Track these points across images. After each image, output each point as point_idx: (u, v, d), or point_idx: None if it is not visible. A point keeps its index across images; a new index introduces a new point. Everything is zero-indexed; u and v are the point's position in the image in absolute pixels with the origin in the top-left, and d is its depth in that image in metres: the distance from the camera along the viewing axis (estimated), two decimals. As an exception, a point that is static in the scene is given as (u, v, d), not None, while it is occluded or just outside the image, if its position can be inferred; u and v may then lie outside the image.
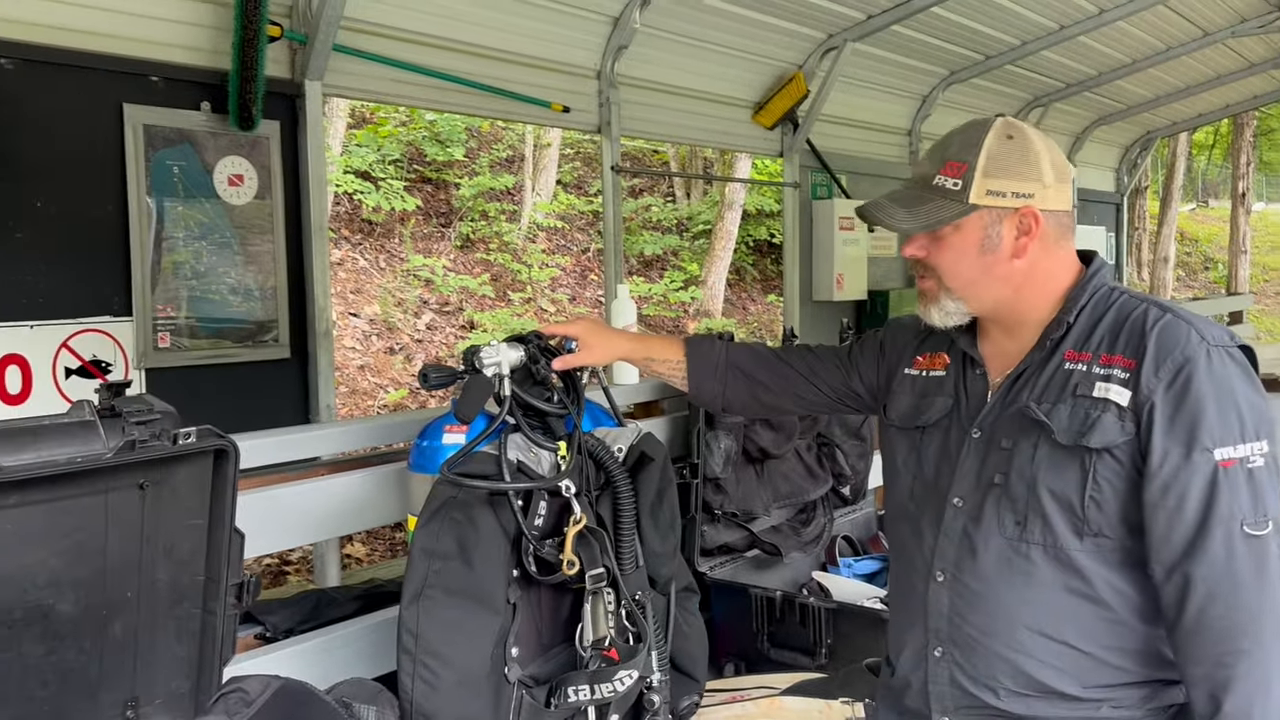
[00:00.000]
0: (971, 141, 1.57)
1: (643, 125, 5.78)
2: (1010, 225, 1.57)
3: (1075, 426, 1.52)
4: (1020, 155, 1.56)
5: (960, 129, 1.62)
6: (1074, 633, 1.54)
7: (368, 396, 9.15)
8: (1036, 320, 1.62)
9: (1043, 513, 1.54)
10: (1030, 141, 1.57)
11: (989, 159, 1.55)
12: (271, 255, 4.08)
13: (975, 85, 7.70)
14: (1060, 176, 1.58)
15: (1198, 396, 1.46)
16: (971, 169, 1.55)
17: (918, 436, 1.73)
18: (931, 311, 1.66)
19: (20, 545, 1.46)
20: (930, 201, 1.58)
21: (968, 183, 1.55)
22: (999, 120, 1.60)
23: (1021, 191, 1.55)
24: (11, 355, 3.46)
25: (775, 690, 2.34)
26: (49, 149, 3.51)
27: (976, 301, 1.63)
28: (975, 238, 1.58)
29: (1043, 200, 1.56)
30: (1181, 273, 20.62)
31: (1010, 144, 1.56)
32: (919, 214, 1.58)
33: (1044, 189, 1.56)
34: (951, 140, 1.61)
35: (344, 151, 11.05)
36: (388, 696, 1.57)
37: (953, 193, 1.57)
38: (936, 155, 1.61)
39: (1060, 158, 1.60)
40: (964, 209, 1.56)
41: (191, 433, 1.53)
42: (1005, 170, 1.55)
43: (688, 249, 13.70)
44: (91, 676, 1.59)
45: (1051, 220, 1.58)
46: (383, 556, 6.36)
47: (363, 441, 2.33)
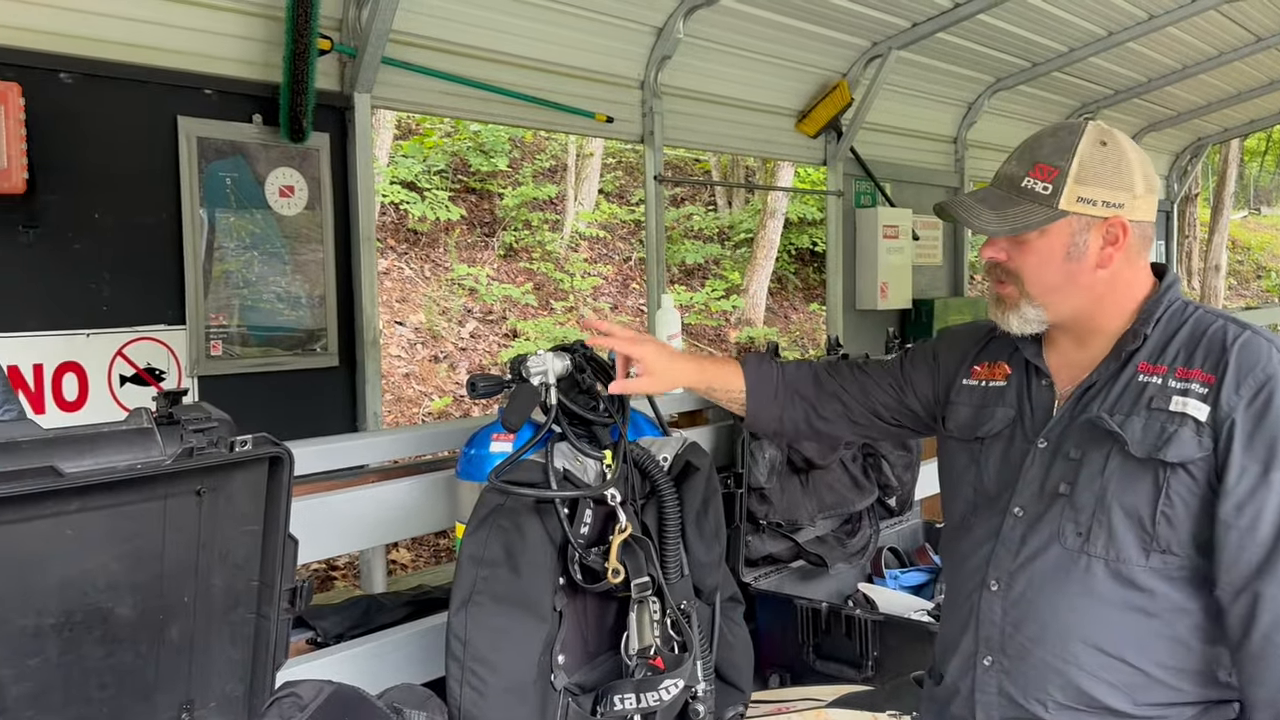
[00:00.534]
0: (1064, 145, 1.54)
1: (686, 135, 5.80)
2: (1097, 234, 1.54)
3: (1150, 439, 1.50)
4: (1114, 163, 1.53)
5: (1051, 130, 1.59)
6: (1131, 649, 1.52)
7: (413, 404, 9.23)
8: (1111, 331, 1.60)
9: (1109, 525, 1.52)
10: (1124, 150, 1.55)
11: (1082, 165, 1.53)
12: (320, 265, 4.15)
13: (1022, 92, 7.63)
14: (1149, 188, 1.56)
15: (1278, 415, 1.44)
16: (1064, 174, 1.52)
17: (977, 448, 1.71)
18: (1010, 318, 1.62)
19: (81, 550, 1.49)
20: (1018, 204, 1.55)
21: (1058, 188, 1.53)
22: (1092, 125, 1.56)
23: (1112, 201, 1.53)
24: (69, 363, 3.54)
25: (821, 702, 2.33)
26: (106, 161, 3.60)
27: (1056, 309, 1.60)
28: (1061, 244, 1.55)
29: (1131, 211, 1.54)
30: (1233, 281, 20.22)
31: (1104, 151, 1.54)
32: (1006, 217, 1.56)
33: (1134, 199, 1.54)
34: (1042, 142, 1.58)
35: (390, 162, 11.18)
36: (437, 702, 1.58)
37: (1042, 197, 1.54)
38: (1025, 156, 1.58)
39: (1150, 168, 1.58)
40: (1053, 214, 1.53)
41: (248, 440, 1.56)
42: (1098, 178, 1.53)
43: (729, 257, 13.68)
44: (148, 679, 1.62)
45: (1137, 231, 1.56)
46: (427, 563, 6.41)
47: (412, 449, 2.35)
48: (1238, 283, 20.68)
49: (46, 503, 1.41)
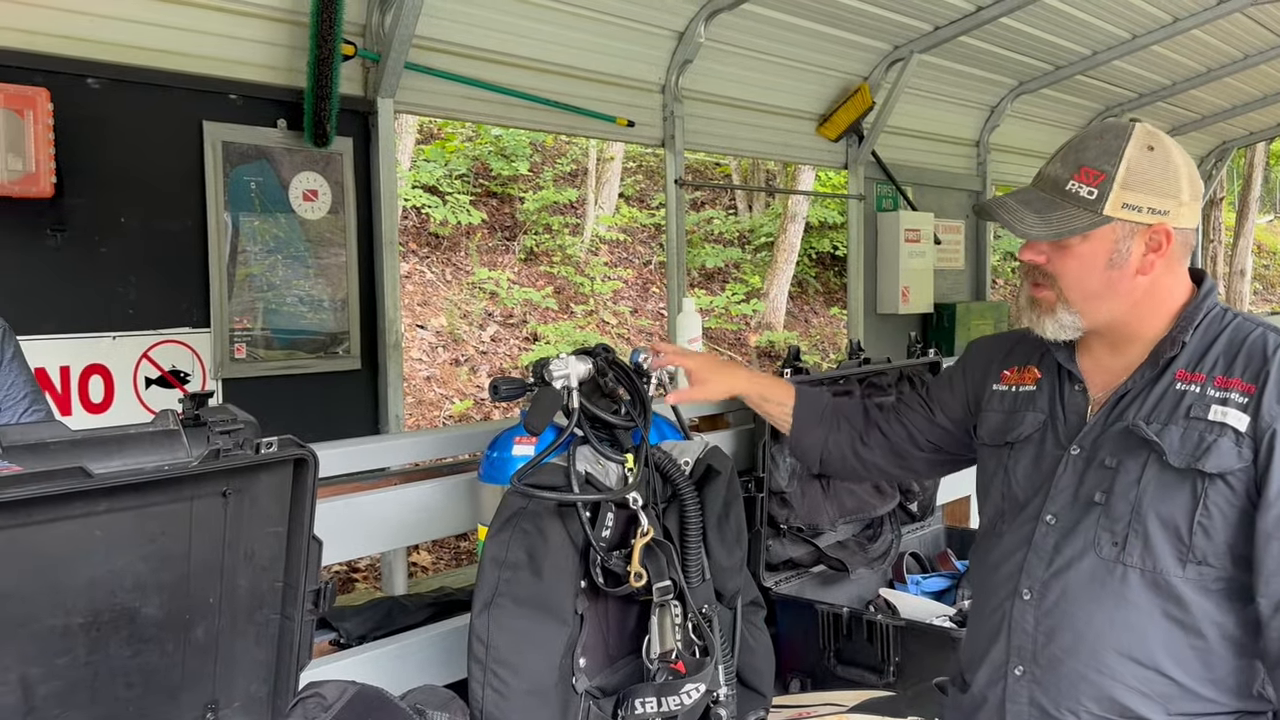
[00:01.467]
0: (1111, 149, 1.51)
1: (706, 139, 5.80)
2: (1141, 241, 1.51)
3: (1189, 449, 1.48)
4: (1161, 169, 1.50)
5: (1096, 132, 1.56)
6: (1166, 659, 1.50)
7: (434, 407, 9.27)
8: (1148, 337, 1.57)
9: (1145, 536, 1.51)
10: (1171, 155, 1.52)
11: (1129, 171, 1.49)
12: (343, 268, 4.18)
13: (1045, 96, 7.59)
14: (1195, 194, 1.53)
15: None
16: (1110, 179, 1.49)
17: (1006, 453, 1.70)
18: (1045, 323, 1.59)
19: (109, 550, 1.50)
20: (1062, 208, 1.52)
21: (1104, 193, 1.49)
22: (1139, 128, 1.53)
23: (1159, 208, 1.50)
24: (95, 365, 3.58)
25: (842, 708, 2.32)
26: (133, 165, 3.64)
27: (1093, 316, 1.57)
28: (1104, 251, 1.52)
29: (1177, 218, 1.51)
30: (1259, 286, 20.03)
31: (1151, 156, 1.50)
32: (1050, 220, 1.52)
33: (1179, 206, 1.51)
34: (1088, 144, 1.54)
35: (412, 167, 11.24)
36: (460, 704, 1.59)
37: (1087, 201, 1.51)
38: (1070, 159, 1.54)
39: (1196, 173, 1.55)
40: (1097, 220, 1.50)
41: (273, 442, 1.57)
42: (1145, 184, 1.50)
43: (750, 261, 13.67)
44: (174, 679, 1.63)
45: (1180, 238, 1.53)
46: (448, 565, 6.43)
47: (434, 452, 2.36)
48: (1263, 287, 20.48)
49: (75, 503, 1.43)
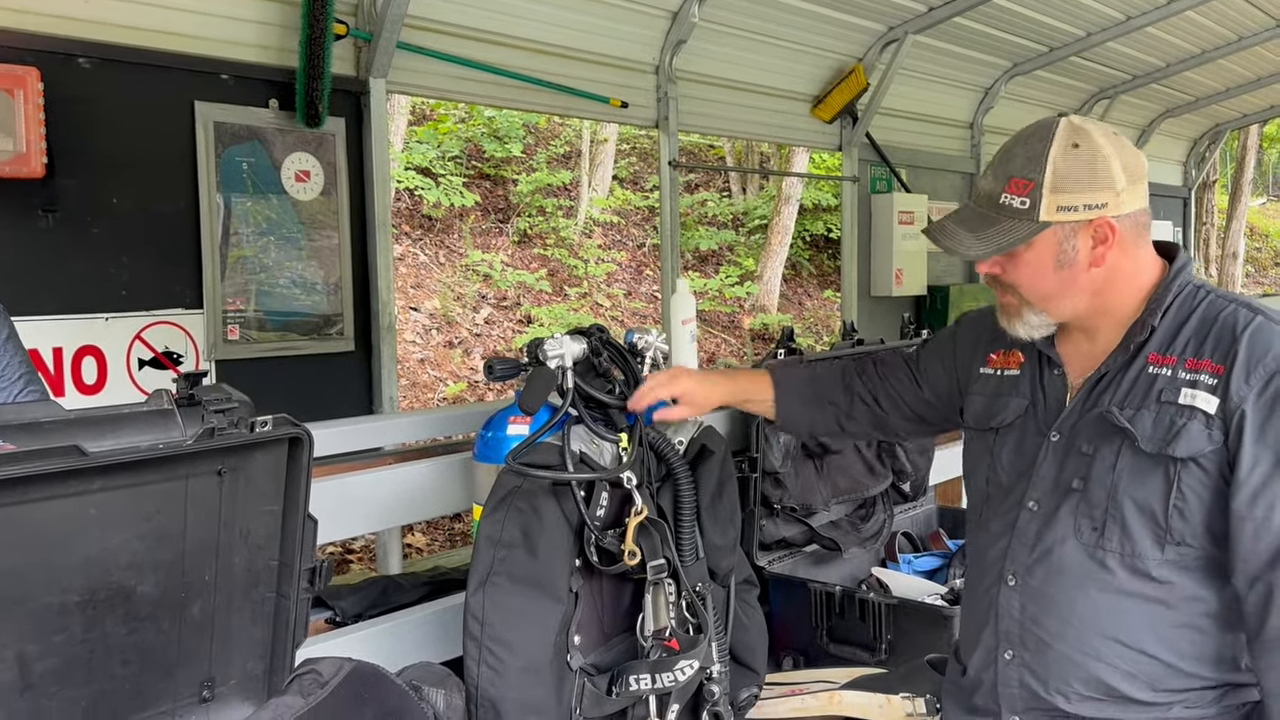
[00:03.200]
0: (1035, 155, 1.51)
1: (700, 120, 5.79)
2: (1085, 237, 1.52)
3: (1160, 434, 1.49)
4: (1089, 164, 1.49)
5: (1021, 138, 1.56)
6: (1150, 640, 1.52)
7: (428, 390, 9.27)
8: (1118, 321, 1.58)
9: (1123, 521, 1.52)
10: (1098, 147, 1.50)
11: (1056, 174, 1.49)
12: (336, 250, 4.17)
13: (1039, 77, 7.58)
14: (1133, 177, 1.52)
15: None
16: (1039, 186, 1.49)
17: (991, 438, 1.70)
18: (1016, 326, 1.62)
19: (104, 528, 1.51)
20: (998, 223, 1.53)
21: (1036, 201, 1.49)
22: (1062, 124, 1.53)
23: (1094, 203, 1.49)
24: (88, 346, 3.57)
25: (834, 684, 2.34)
26: (124, 146, 3.62)
27: (1058, 313, 1.59)
28: (1050, 254, 1.53)
29: (1117, 207, 1.50)
30: (1251, 268, 20.08)
31: (1077, 154, 1.49)
32: (987, 238, 1.53)
33: (1117, 195, 1.50)
34: (1014, 153, 1.55)
35: (405, 148, 11.20)
36: (455, 681, 1.60)
37: (1021, 212, 1.51)
38: (1000, 171, 1.55)
39: (1131, 155, 1.53)
40: (1035, 228, 1.51)
41: (268, 421, 1.57)
42: (1075, 183, 1.49)
43: (744, 244, 13.66)
44: (170, 656, 1.64)
45: (1128, 223, 1.52)
46: (442, 546, 6.45)
47: (429, 432, 2.37)
48: (1255, 270, 20.53)
49: (70, 482, 1.43)
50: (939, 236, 1.59)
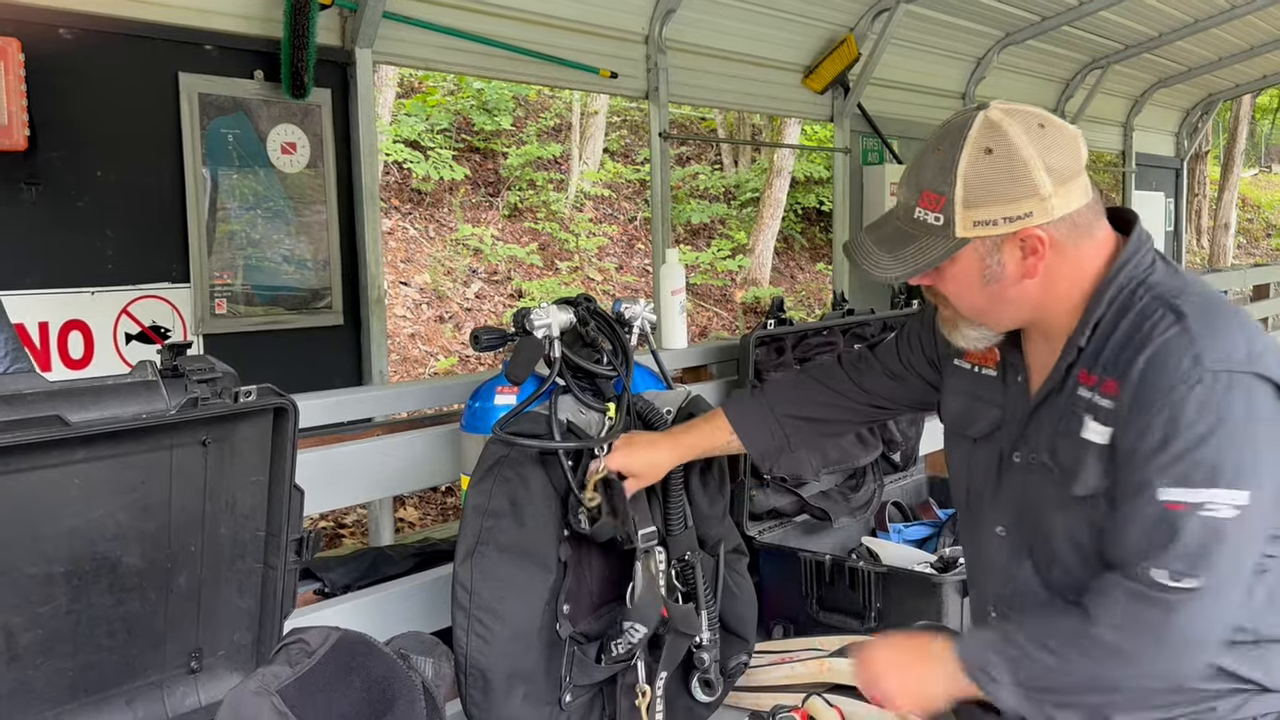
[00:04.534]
0: (946, 164, 1.34)
1: (691, 91, 5.74)
2: (1011, 249, 1.36)
3: (1068, 471, 1.41)
4: (1005, 172, 1.32)
5: (935, 143, 1.38)
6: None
7: (418, 364, 9.25)
8: (1063, 329, 1.44)
9: (1063, 558, 1.45)
10: (1015, 150, 1.31)
11: (968, 187, 1.32)
12: (324, 224, 4.14)
13: (1031, 47, 7.54)
14: (1062, 177, 1.33)
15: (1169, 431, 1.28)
16: (950, 201, 1.33)
17: (969, 447, 1.62)
18: (955, 338, 1.52)
19: (88, 499, 1.50)
20: (915, 240, 1.38)
21: (949, 217, 1.34)
22: (977, 123, 1.34)
23: (1014, 214, 1.33)
24: (74, 321, 3.55)
25: (824, 652, 2.35)
26: (108, 118, 3.58)
27: (997, 325, 1.47)
28: (974, 270, 1.38)
29: (1045, 213, 1.33)
30: (1243, 240, 20.10)
31: (991, 160, 1.32)
32: (904, 258, 1.39)
33: (1043, 202, 1.32)
34: (925, 161, 1.38)
35: (393, 121, 11.11)
36: (444, 649, 1.60)
37: (935, 228, 1.36)
38: (913, 180, 1.40)
39: (1060, 152, 1.34)
40: (952, 245, 1.36)
41: (252, 391, 1.57)
42: (989, 196, 1.32)
43: (735, 217, 13.62)
44: (157, 627, 1.64)
45: (1063, 227, 1.35)
46: (434, 520, 6.46)
47: (417, 404, 2.36)
48: (1247, 241, 20.56)
49: (52, 452, 1.42)
50: (858, 256, 1.46)
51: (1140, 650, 1.33)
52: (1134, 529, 1.32)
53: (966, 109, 1.39)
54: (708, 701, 2.12)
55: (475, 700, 1.79)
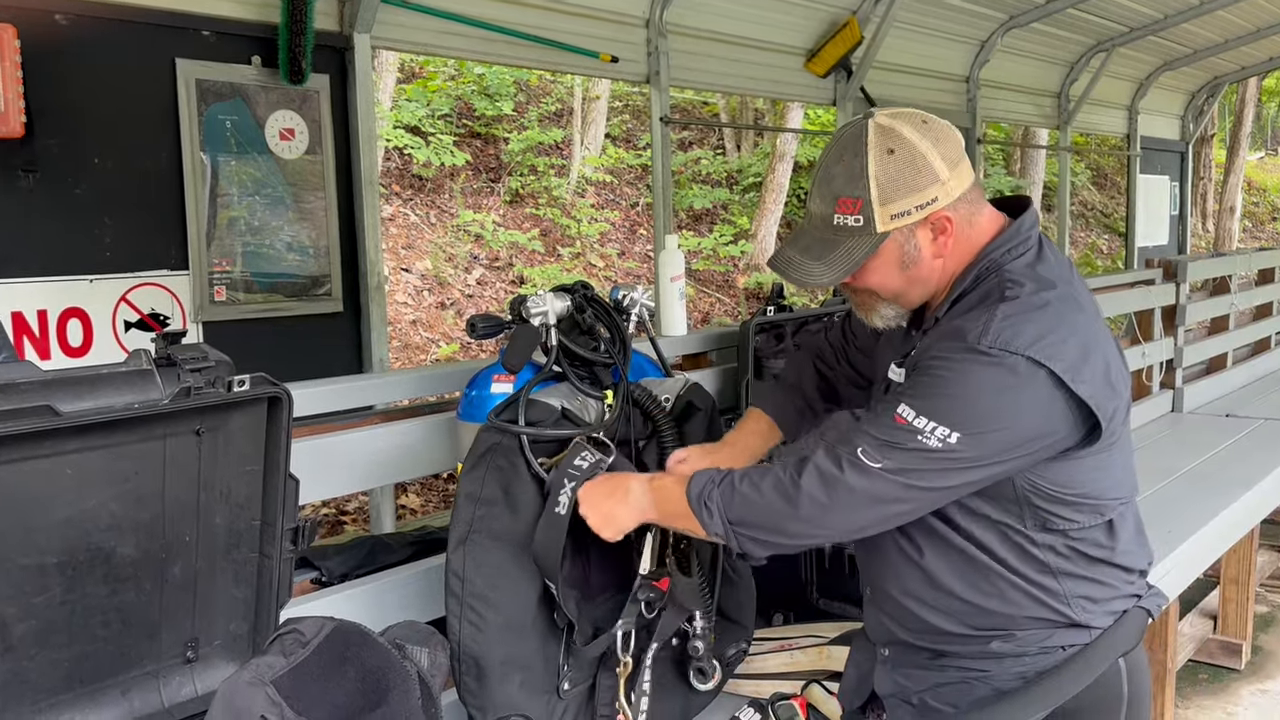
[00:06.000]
0: (855, 172, 1.51)
1: (692, 75, 5.71)
2: (925, 233, 1.54)
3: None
4: (909, 167, 1.50)
5: (836, 154, 1.55)
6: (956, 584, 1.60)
7: (420, 351, 9.25)
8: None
9: None
10: (912, 146, 1.50)
11: (880, 185, 1.50)
12: (323, 210, 4.12)
13: (1036, 30, 7.49)
14: (953, 161, 1.52)
15: (930, 375, 1.49)
16: (868, 202, 1.51)
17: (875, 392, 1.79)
18: (873, 319, 1.66)
19: (81, 489, 1.49)
20: (839, 244, 1.54)
21: (869, 216, 1.51)
22: (871, 132, 1.51)
23: (924, 202, 1.51)
24: (72, 309, 3.54)
25: (824, 639, 2.34)
26: (105, 104, 3.56)
27: (909, 303, 1.63)
28: (894, 258, 1.55)
29: (947, 196, 1.52)
30: (1248, 223, 20.02)
31: (894, 159, 1.50)
32: (832, 263, 1.55)
33: (944, 186, 1.51)
34: (833, 174, 1.55)
35: (393, 106, 11.08)
36: (440, 639, 1.60)
37: (856, 229, 1.52)
38: (825, 192, 1.55)
39: (946, 141, 1.53)
40: (875, 240, 1.53)
41: (245, 380, 1.56)
42: (901, 189, 1.50)
43: (738, 202, 13.58)
44: (152, 618, 1.64)
45: (961, 206, 1.54)
46: (437, 507, 6.46)
47: (413, 391, 2.35)
48: (1252, 225, 20.47)
49: (44, 442, 1.42)
50: (787, 270, 1.61)
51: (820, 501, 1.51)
52: (862, 422, 1.55)
53: (852, 121, 1.57)
54: (706, 689, 2.12)
55: (470, 688, 1.79)
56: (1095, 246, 16.14)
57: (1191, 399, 5.06)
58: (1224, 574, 4.09)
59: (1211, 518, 3.23)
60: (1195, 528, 3.11)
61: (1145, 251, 9.67)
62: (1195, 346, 5.32)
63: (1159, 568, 2.53)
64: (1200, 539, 3.10)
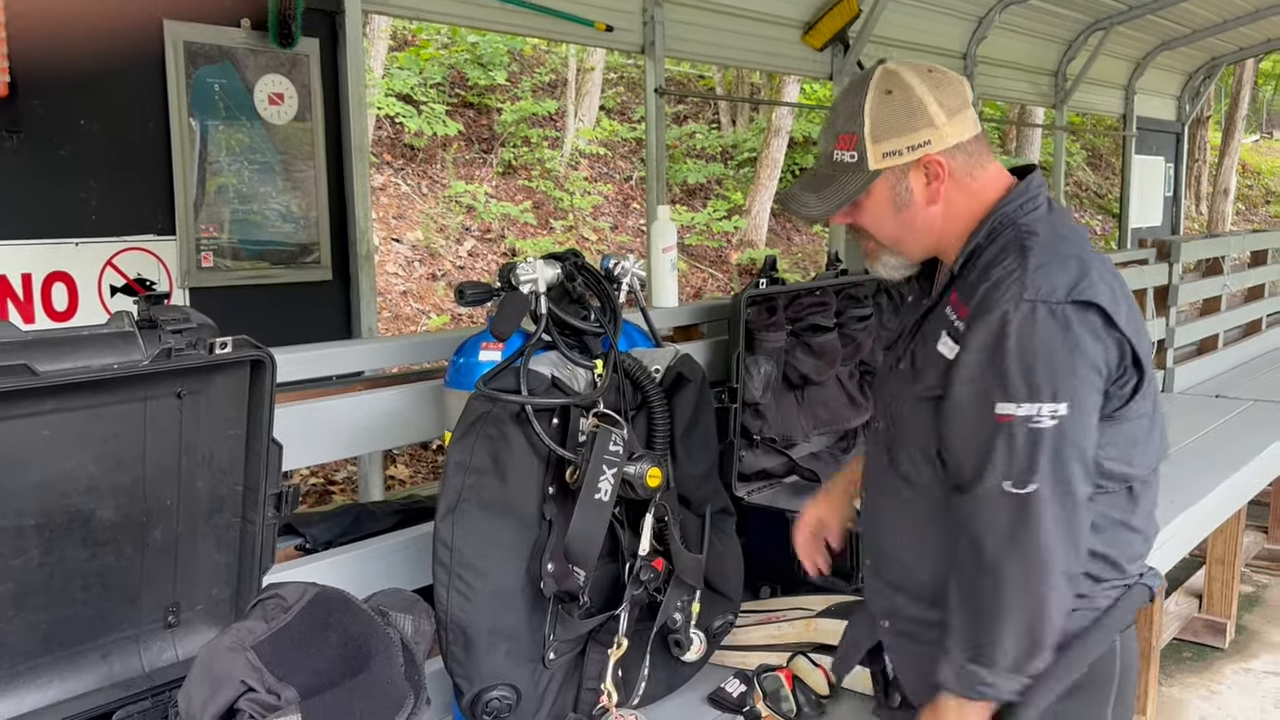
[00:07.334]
0: (854, 109, 1.56)
1: (688, 46, 5.65)
2: (917, 176, 1.57)
3: (916, 373, 1.60)
4: (904, 108, 1.54)
5: (843, 95, 1.61)
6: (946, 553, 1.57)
7: (410, 322, 9.20)
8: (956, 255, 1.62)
9: (908, 450, 1.62)
10: (910, 89, 1.54)
11: (874, 123, 1.55)
12: (313, 177, 4.07)
13: (1033, 7, 7.42)
14: (953, 110, 1.55)
15: (995, 352, 1.46)
16: (862, 139, 1.55)
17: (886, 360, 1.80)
18: (878, 268, 1.70)
19: (58, 451, 1.47)
20: (835, 180, 1.59)
21: (862, 152, 1.56)
22: (877, 74, 1.57)
23: (915, 143, 1.54)
24: (58, 272, 3.50)
25: (810, 612, 2.34)
26: (91, 65, 3.49)
27: (910, 253, 1.66)
28: (886, 199, 1.59)
29: (941, 141, 1.55)
30: (1241, 206, 20.01)
31: (891, 99, 1.54)
32: (826, 196, 1.60)
33: (938, 131, 1.54)
34: (838, 111, 1.61)
35: (385, 74, 10.96)
36: (424, 606, 1.58)
37: (851, 165, 1.57)
38: (829, 129, 1.61)
39: (949, 90, 1.56)
40: (867, 177, 1.57)
41: (228, 342, 1.53)
42: (893, 128, 1.54)
43: (732, 177, 13.51)
44: (133, 582, 1.62)
45: (959, 155, 1.57)
46: (425, 478, 6.44)
47: (401, 358, 2.32)
48: (1246, 207, 20.47)
49: (20, 403, 1.39)
50: (788, 202, 1.66)
51: (1012, 550, 1.46)
52: (973, 439, 1.49)
53: (868, 68, 1.61)
54: (693, 661, 2.11)
55: (457, 657, 1.78)
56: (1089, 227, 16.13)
57: (1182, 379, 5.07)
58: (1210, 553, 4.11)
59: (1200, 497, 3.23)
60: (1183, 507, 3.12)
61: (1139, 232, 9.65)
62: (1187, 327, 5.32)
63: (1147, 545, 2.52)
64: (1188, 518, 3.11)
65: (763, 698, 2.06)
